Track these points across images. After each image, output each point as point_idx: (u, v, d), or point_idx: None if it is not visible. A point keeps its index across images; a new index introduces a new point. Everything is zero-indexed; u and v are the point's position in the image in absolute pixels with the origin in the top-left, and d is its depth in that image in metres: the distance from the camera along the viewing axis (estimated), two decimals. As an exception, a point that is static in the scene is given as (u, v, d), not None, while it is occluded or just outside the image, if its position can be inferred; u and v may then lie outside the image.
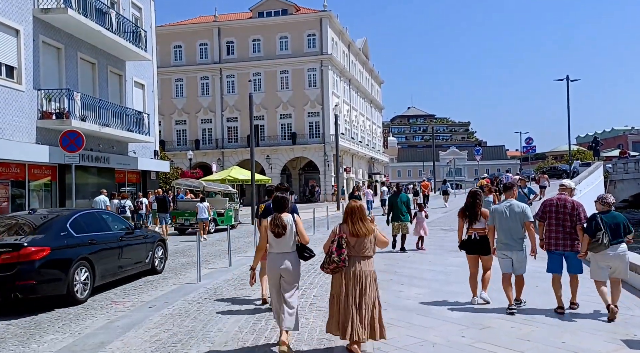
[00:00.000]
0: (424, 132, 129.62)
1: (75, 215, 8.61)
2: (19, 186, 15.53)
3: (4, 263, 7.09)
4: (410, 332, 5.73)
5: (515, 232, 6.42)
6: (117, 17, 19.89)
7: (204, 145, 45.92)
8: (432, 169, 51.22)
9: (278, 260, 5.24)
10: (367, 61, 61.76)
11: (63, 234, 7.95)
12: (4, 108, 14.57)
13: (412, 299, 7.37)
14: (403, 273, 9.46)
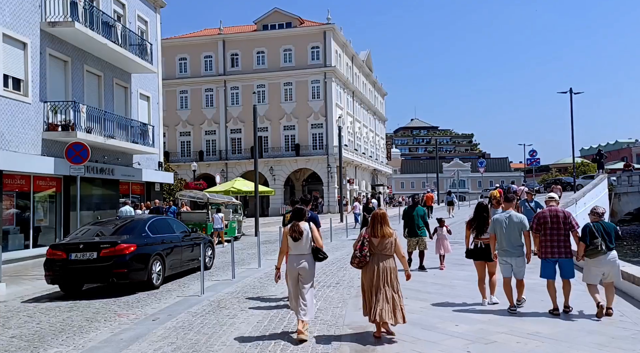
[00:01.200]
0: (427, 143, 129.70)
1: (151, 220, 11.02)
2: (23, 198, 15.60)
3: (104, 255, 9.39)
4: (415, 346, 5.70)
5: (515, 240, 7.13)
6: (123, 30, 20.11)
7: (208, 156, 46.08)
8: (435, 180, 51.16)
9: (296, 260, 6.24)
10: (370, 73, 62.08)
11: (144, 235, 10.28)
12: (10, 120, 14.70)
13: (417, 313, 7.32)
14: (407, 286, 9.38)
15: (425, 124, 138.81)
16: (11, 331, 7.12)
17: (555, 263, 6.96)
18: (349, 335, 6.24)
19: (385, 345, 5.79)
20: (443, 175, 78.59)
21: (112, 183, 20.16)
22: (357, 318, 7.08)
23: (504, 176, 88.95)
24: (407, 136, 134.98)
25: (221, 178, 40.61)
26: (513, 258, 7.13)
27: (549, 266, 6.98)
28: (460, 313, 7.20)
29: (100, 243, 9.60)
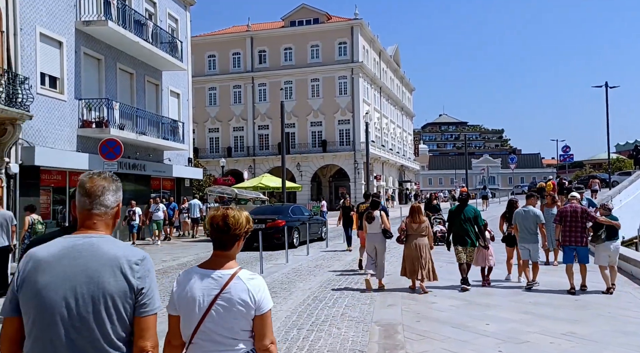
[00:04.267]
0: (456, 139, 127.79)
1: (292, 206, 18.59)
2: (60, 193, 16.09)
3: (269, 226, 15.45)
4: (444, 345, 5.64)
5: (531, 230, 8.82)
6: (155, 29, 20.46)
7: (236, 153, 46.55)
8: (464, 177, 50.44)
9: (371, 237, 9.16)
10: (398, 68, 61.51)
11: (288, 215, 16.82)
12: (47, 117, 15.16)
13: (446, 311, 7.26)
14: (436, 284, 9.32)
15: (453, 120, 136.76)
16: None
17: (573, 250, 8.41)
18: (377, 333, 6.23)
19: (415, 343, 5.76)
20: (472, 172, 77.34)
21: (144, 178, 20.60)
22: (386, 316, 7.07)
23: (536, 172, 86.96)
24: (435, 132, 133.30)
25: (249, 174, 40.99)
26: (530, 244, 8.80)
27: (569, 252, 8.45)
28: (492, 312, 7.10)
29: (266, 219, 15.92)
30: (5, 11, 13.58)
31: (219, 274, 2.16)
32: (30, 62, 14.48)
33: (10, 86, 12.95)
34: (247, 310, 2.12)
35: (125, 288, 1.83)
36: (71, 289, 1.81)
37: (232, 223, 2.20)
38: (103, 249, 1.87)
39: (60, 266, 1.82)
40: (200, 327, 2.12)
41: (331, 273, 11.16)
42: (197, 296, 2.13)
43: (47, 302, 1.80)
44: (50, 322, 1.79)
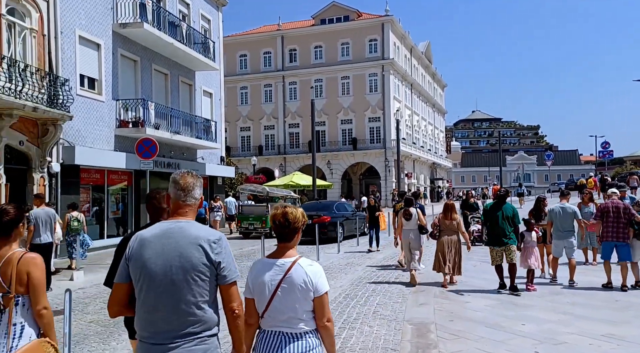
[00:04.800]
0: (490, 136, 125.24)
1: (336, 203, 19.89)
2: (98, 191, 16.62)
3: (315, 222, 15.07)
4: (479, 345, 5.57)
5: (567, 226, 8.85)
6: (188, 29, 20.85)
7: (267, 151, 46.95)
8: (498, 174, 49.41)
9: (407, 233, 9.72)
10: (429, 65, 60.72)
11: (333, 211, 17.78)
12: (86, 118, 15.67)
13: (481, 310, 7.15)
14: (469, 283, 9.20)
15: (487, 116, 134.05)
16: (89, 316, 7.62)
17: (613, 246, 8.31)
18: (410, 331, 6.19)
19: (448, 342, 5.70)
20: (507, 169, 75.58)
21: (177, 176, 21.04)
22: (418, 314, 7.02)
23: (574, 169, 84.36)
24: (467, 128, 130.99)
25: (280, 172, 41.30)
26: (564, 240, 8.82)
27: (608, 248, 8.41)
28: (528, 312, 6.96)
29: (312, 215, 16.19)
30: (47, 15, 14.10)
31: (282, 262, 2.60)
32: (70, 65, 14.98)
33: (51, 87, 13.45)
34: (306, 292, 2.55)
35: (206, 261, 2.34)
36: (167, 261, 2.33)
37: (291, 218, 2.62)
38: (189, 231, 2.38)
39: (158, 244, 2.36)
40: (269, 306, 2.58)
41: (362, 271, 11.15)
42: (265, 281, 2.58)
43: (150, 271, 2.33)
44: (153, 286, 2.33)
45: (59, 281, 10.37)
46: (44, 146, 13.69)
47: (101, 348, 6.00)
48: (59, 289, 9.46)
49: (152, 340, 2.33)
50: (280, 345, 2.55)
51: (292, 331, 2.56)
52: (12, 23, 13.08)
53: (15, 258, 2.87)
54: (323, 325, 2.58)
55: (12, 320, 2.76)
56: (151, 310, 2.33)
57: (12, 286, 2.80)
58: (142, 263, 2.35)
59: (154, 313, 2.33)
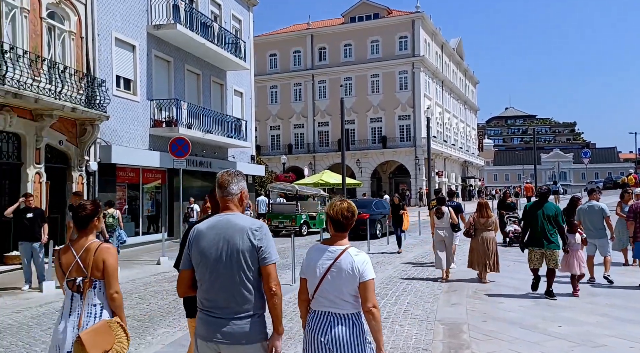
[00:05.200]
0: (524, 133, 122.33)
1: (375, 201, 20.52)
2: (134, 189, 17.06)
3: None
4: (513, 346, 5.47)
5: (597, 224, 8.76)
6: (220, 30, 21.14)
7: (297, 149, 47.17)
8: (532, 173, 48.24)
9: (440, 230, 9.85)
10: (461, 61, 59.76)
11: (372, 209, 18.28)
12: (122, 118, 16.10)
13: (515, 311, 7.01)
14: (503, 283, 9.03)
15: (521, 113, 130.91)
16: (126, 311, 7.81)
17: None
18: (442, 332, 6.13)
19: (481, 343, 5.62)
20: (541, 167, 73.71)
21: (209, 175, 21.37)
22: (450, 314, 6.94)
23: (612, 167, 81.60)
24: (500, 125, 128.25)
25: (309, 171, 41.43)
26: (596, 239, 8.75)
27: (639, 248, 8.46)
28: (564, 314, 6.78)
29: None
30: (85, 18, 14.55)
31: (334, 249, 2.94)
32: (106, 66, 15.42)
33: (89, 88, 13.87)
34: (352, 277, 2.84)
35: (250, 246, 2.73)
36: (218, 249, 2.75)
37: (352, 211, 2.98)
38: (235, 221, 2.79)
39: (211, 234, 2.79)
40: (319, 287, 2.90)
41: (392, 270, 11.09)
42: (317, 265, 2.93)
43: (206, 258, 2.77)
44: (209, 270, 2.76)
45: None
46: (82, 145, 14.14)
47: (137, 343, 6.15)
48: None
49: (210, 314, 2.76)
50: (329, 325, 2.86)
51: (339, 312, 2.87)
52: (52, 26, 13.55)
53: (93, 248, 3.26)
54: (368, 309, 2.84)
55: (89, 300, 3.20)
56: (209, 290, 2.77)
57: (90, 271, 3.23)
58: (199, 251, 2.78)
59: (211, 292, 2.76)
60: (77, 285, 3.20)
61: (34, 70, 11.92)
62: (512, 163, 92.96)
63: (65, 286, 3.26)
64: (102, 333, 3.12)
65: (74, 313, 3.20)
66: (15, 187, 12.36)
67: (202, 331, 2.79)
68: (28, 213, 9.46)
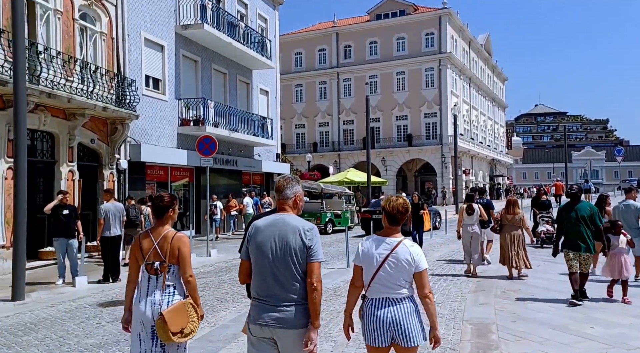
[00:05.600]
0: (554, 131, 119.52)
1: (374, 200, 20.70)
2: (162, 187, 17.37)
3: None
4: (544, 348, 5.35)
5: (632, 224, 8.54)
6: (246, 29, 21.31)
7: (322, 148, 47.21)
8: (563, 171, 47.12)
9: (469, 227, 10.06)
10: (489, 58, 58.72)
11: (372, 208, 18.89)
12: (151, 117, 16.41)
13: (545, 312, 6.86)
14: (533, 284, 8.86)
15: (551, 110, 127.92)
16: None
17: None
18: (470, 331, 6.05)
19: (510, 344, 5.52)
20: (572, 165, 71.87)
21: (236, 173, 21.61)
22: (478, 314, 6.85)
23: (647, 166, 78.87)
24: (530, 123, 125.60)
25: (334, 169, 41.39)
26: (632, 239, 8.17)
27: None
28: (596, 315, 6.60)
29: None
30: (115, 19, 14.87)
31: (390, 240, 3.26)
32: (136, 66, 15.73)
33: (119, 88, 14.18)
34: (408, 267, 3.18)
35: (301, 245, 3.04)
36: (273, 244, 3.07)
37: (407, 207, 3.31)
38: (289, 221, 3.12)
39: (267, 231, 3.12)
40: (376, 275, 3.21)
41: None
42: (374, 254, 3.23)
43: (261, 251, 3.10)
44: (263, 262, 3.09)
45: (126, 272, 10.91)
46: (113, 144, 14.48)
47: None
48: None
49: (262, 301, 3.09)
50: (387, 307, 3.19)
51: (394, 296, 3.20)
52: (84, 27, 13.90)
53: (170, 236, 3.62)
54: (425, 295, 3.19)
55: (166, 282, 3.58)
56: (262, 280, 3.10)
57: (166, 257, 3.59)
58: (256, 245, 3.13)
59: (264, 282, 3.09)
60: (154, 268, 3.58)
61: (66, 70, 12.26)
62: (541, 161, 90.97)
63: (144, 268, 3.63)
64: (180, 312, 3.52)
65: (152, 293, 3.57)
66: (49, 184, 12.74)
67: (255, 315, 3.12)
68: (64, 210, 9.75)
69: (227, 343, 5.89)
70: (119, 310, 7.75)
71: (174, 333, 3.45)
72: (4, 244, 10.80)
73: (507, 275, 9.42)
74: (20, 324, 6.99)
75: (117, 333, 6.47)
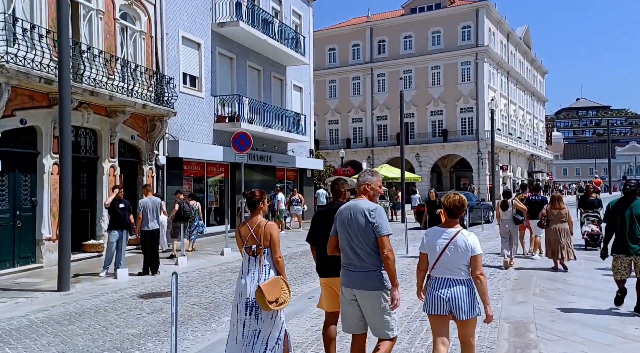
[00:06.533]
0: (597, 125, 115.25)
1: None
2: (198, 182, 17.73)
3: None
4: (586, 348, 5.20)
5: None
6: (280, 26, 21.42)
7: (355, 144, 47.06)
8: (606, 167, 45.37)
9: (504, 222, 10.75)
10: (528, 50, 57.07)
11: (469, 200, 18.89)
12: (188, 113, 16.74)
13: (586, 311, 6.66)
14: (573, 282, 8.60)
15: (593, 104, 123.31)
16: (192, 299, 8.19)
17: None
18: (507, 330, 5.93)
19: (550, 343, 5.39)
20: (616, 161, 69.25)
21: (270, 169, 21.81)
22: (516, 313, 6.71)
23: (697, 162, 74.93)
24: (571, 117, 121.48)
25: (367, 165, 41.20)
26: None
27: None
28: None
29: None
30: (154, 18, 15.23)
31: (450, 231, 3.94)
32: (174, 64, 16.07)
33: (158, 86, 14.53)
34: (465, 252, 3.85)
35: (367, 222, 3.87)
36: (349, 222, 3.96)
37: (463, 202, 3.97)
38: (359, 205, 3.98)
39: (345, 212, 4.03)
40: (438, 260, 3.91)
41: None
42: (436, 243, 3.93)
43: (343, 228, 4.00)
44: (344, 238, 4.00)
45: (166, 265, 11.23)
46: (152, 140, 14.86)
47: (203, 329, 6.41)
48: (166, 272, 10.27)
49: (347, 268, 3.98)
50: (448, 286, 3.88)
51: (455, 277, 3.87)
52: (125, 26, 14.29)
53: (263, 224, 4.42)
54: (477, 276, 3.84)
55: (262, 262, 4.35)
56: (344, 252, 4.00)
57: (261, 241, 4.37)
58: (339, 224, 4.03)
59: (346, 253, 3.99)
60: (252, 250, 4.38)
61: (108, 69, 12.64)
62: (583, 156, 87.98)
63: (244, 251, 4.44)
64: (274, 286, 4.24)
65: (251, 271, 4.35)
66: (92, 180, 13.21)
67: (344, 280, 4.01)
68: (120, 204, 10.14)
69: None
70: (159, 301, 7.99)
71: (270, 302, 4.16)
72: (50, 237, 11.27)
73: (552, 267, 10.00)
74: (66, 314, 7.30)
75: (157, 324, 6.66)
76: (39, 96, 11.14)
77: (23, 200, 11.04)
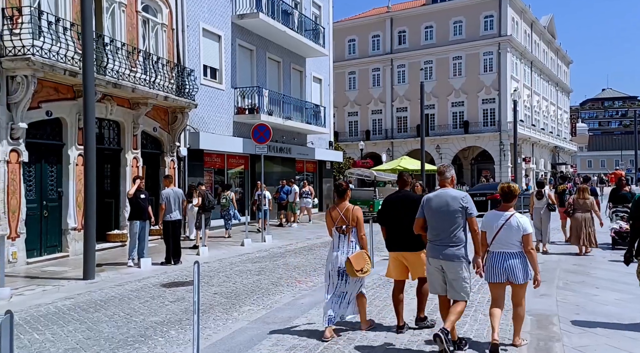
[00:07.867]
0: (623, 116, 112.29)
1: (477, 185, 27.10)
2: (219, 174, 17.89)
3: (489, 198, 19.24)
4: (610, 341, 5.11)
5: None
6: (300, 17, 21.37)
7: (374, 135, 46.78)
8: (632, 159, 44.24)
9: (538, 210, 11.57)
10: (552, 40, 55.77)
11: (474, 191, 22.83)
12: (209, 105, 16.87)
13: (611, 305, 6.54)
14: (597, 275, 8.45)
15: (620, 94, 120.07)
16: (214, 288, 8.30)
17: None
18: (530, 323, 5.86)
19: (573, 336, 5.31)
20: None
21: (289, 161, 21.87)
22: (538, 306, 6.63)
23: None
24: (596, 108, 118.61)
25: (387, 157, 40.98)
26: None
27: None
28: (669, 312, 6.21)
29: (486, 193, 20.68)
30: (175, 10, 15.34)
31: (505, 213, 4.89)
32: (194, 56, 16.18)
33: (179, 78, 14.66)
34: (518, 231, 4.79)
35: (460, 206, 4.86)
36: (440, 208, 4.92)
37: (514, 189, 4.93)
38: (450, 193, 4.96)
39: (436, 199, 4.99)
40: (495, 237, 4.87)
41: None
42: (493, 223, 4.89)
43: (434, 211, 4.97)
44: (435, 218, 4.98)
45: (188, 255, 11.39)
46: (174, 132, 15.03)
47: (224, 318, 6.49)
48: (188, 262, 10.42)
49: (434, 243, 4.97)
50: (504, 258, 4.83)
51: (509, 251, 4.82)
52: (147, 19, 14.43)
53: (350, 208, 5.52)
54: (528, 251, 4.78)
55: (350, 238, 5.50)
56: (434, 229, 4.98)
57: (349, 221, 5.49)
58: (430, 208, 4.99)
59: (435, 230, 4.97)
60: (342, 229, 5.51)
61: (130, 61, 12.80)
62: (608, 148, 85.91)
63: (334, 230, 5.56)
64: (360, 258, 5.39)
65: (341, 246, 5.50)
66: (115, 171, 13.44)
67: (431, 252, 4.98)
68: (141, 194, 10.31)
69: (281, 325, 6.03)
70: (181, 290, 8.12)
71: (357, 270, 5.30)
72: (76, 226, 11.53)
73: (577, 252, 10.85)
74: (91, 301, 7.48)
75: (179, 312, 6.78)
76: (63, 88, 11.35)
77: (50, 190, 11.31)
